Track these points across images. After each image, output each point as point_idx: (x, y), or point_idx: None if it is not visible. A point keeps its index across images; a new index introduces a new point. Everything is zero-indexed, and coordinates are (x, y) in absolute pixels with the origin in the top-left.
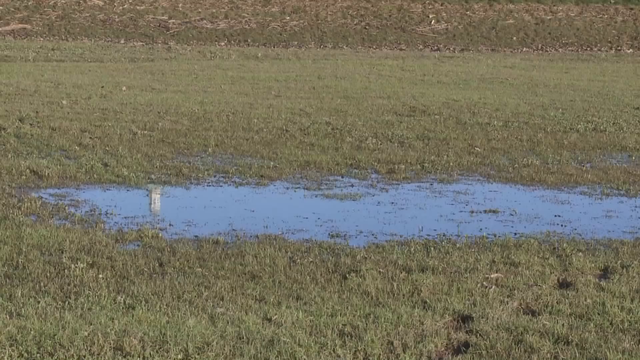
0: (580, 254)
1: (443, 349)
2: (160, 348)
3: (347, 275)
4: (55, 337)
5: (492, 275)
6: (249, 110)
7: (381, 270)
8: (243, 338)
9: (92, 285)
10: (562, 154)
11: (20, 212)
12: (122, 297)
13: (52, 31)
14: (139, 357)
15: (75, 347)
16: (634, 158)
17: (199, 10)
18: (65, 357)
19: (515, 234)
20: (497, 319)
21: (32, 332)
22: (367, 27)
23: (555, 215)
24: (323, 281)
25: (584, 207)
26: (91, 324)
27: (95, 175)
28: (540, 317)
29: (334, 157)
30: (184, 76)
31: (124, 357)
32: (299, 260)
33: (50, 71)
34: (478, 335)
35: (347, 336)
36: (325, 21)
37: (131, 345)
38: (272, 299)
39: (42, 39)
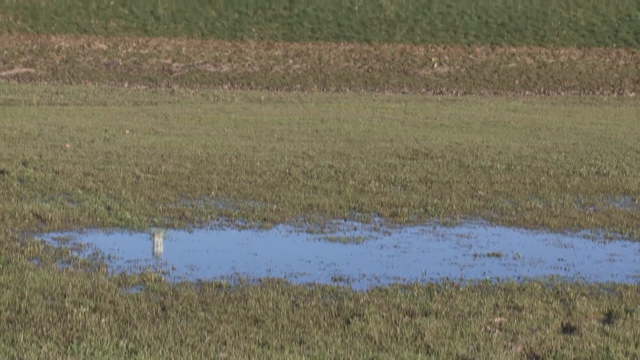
0: (584, 298)
1: None
2: None
3: (350, 319)
4: None
5: (495, 320)
6: (252, 154)
7: (384, 314)
8: None
9: (95, 330)
10: (565, 197)
11: (23, 256)
12: (124, 341)
13: (56, 75)
14: None
15: None
16: (637, 202)
17: (202, 53)
18: None
19: (518, 277)
20: None
21: None
22: (369, 70)
23: (559, 259)
24: (326, 325)
25: (588, 251)
26: None
27: (98, 219)
28: None
29: (337, 200)
30: (187, 119)
31: None
32: (302, 304)
33: (54, 114)
34: None
35: None
36: (328, 64)
37: None
38: (275, 344)
39: (46, 82)
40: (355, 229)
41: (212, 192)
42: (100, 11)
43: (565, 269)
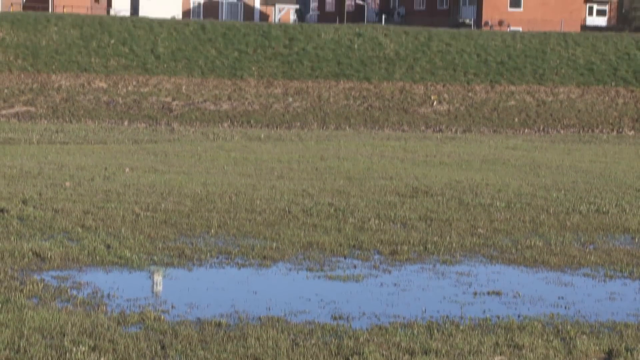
0: (585, 336)
1: None
2: None
3: (350, 357)
4: None
5: (496, 359)
6: (252, 192)
7: (384, 352)
8: None
9: None
10: (565, 236)
11: (22, 295)
12: None
13: (56, 113)
14: None
15: None
16: (637, 240)
17: (202, 91)
18: None
19: (518, 316)
20: None
21: None
22: (369, 108)
23: (559, 297)
24: None
25: (588, 289)
26: None
27: (97, 257)
28: None
29: (337, 238)
30: (187, 157)
31: None
32: (301, 342)
33: (53, 153)
34: None
35: None
36: (328, 102)
37: None
38: None
39: (46, 121)
40: (355, 267)
41: (212, 230)
42: (101, 50)
43: (565, 308)
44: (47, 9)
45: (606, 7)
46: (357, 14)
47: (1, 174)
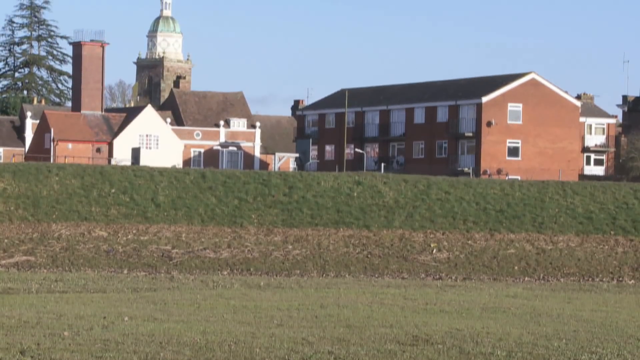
0: None
1: None
2: None
3: None
4: None
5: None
6: (251, 340)
7: None
8: None
9: None
10: None
11: None
12: None
13: (55, 262)
14: None
15: None
16: None
17: (202, 239)
18: None
19: None
20: None
21: None
22: (369, 255)
23: None
24: None
25: None
26: None
27: None
28: None
29: None
30: (186, 306)
31: None
32: None
33: (52, 302)
34: None
35: None
36: (328, 250)
37: None
38: None
39: (45, 270)
40: None
41: None
42: (102, 199)
43: None
44: (49, 159)
45: (603, 157)
46: (357, 163)
47: None
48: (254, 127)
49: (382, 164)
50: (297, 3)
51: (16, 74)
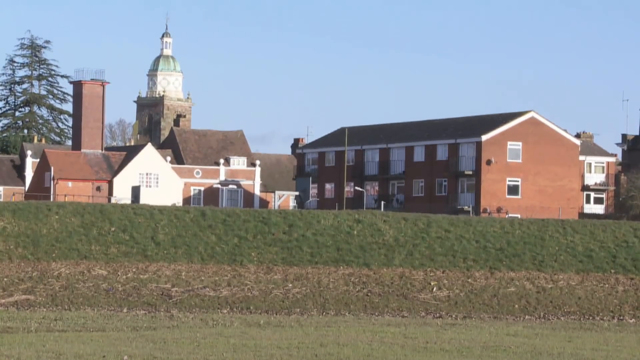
0: None
1: None
2: None
3: None
4: None
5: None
6: None
7: None
8: None
9: None
10: None
11: None
12: None
13: (55, 301)
14: None
15: None
16: None
17: (202, 278)
18: None
19: None
20: None
21: None
22: (369, 294)
23: None
24: None
25: None
26: None
27: None
28: None
29: None
30: (185, 344)
31: None
32: None
33: (52, 341)
34: None
35: None
36: (328, 288)
37: None
38: None
39: (45, 309)
40: None
41: None
42: (101, 237)
43: None
44: (49, 197)
45: (603, 195)
46: (357, 201)
47: None
48: (253, 165)
49: (382, 202)
50: (297, 42)
51: (17, 113)
